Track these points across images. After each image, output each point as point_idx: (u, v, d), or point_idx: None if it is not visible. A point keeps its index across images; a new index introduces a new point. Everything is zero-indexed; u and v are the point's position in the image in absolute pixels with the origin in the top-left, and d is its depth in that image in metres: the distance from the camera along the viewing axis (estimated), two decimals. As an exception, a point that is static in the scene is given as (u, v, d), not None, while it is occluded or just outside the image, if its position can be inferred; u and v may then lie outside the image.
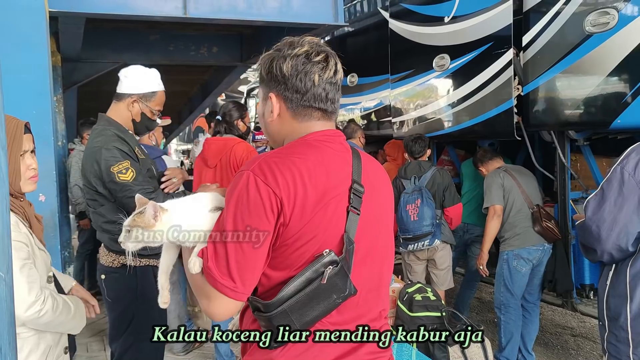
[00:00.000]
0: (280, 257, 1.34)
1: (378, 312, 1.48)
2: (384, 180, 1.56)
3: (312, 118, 1.44)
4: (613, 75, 3.45)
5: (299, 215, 1.30)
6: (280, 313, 1.31)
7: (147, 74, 2.78)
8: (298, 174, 1.31)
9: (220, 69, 8.09)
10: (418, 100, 5.06)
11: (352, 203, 1.37)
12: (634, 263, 1.99)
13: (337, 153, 1.42)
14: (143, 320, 2.72)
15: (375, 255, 1.46)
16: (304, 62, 1.40)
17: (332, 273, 1.31)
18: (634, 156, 1.96)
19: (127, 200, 2.59)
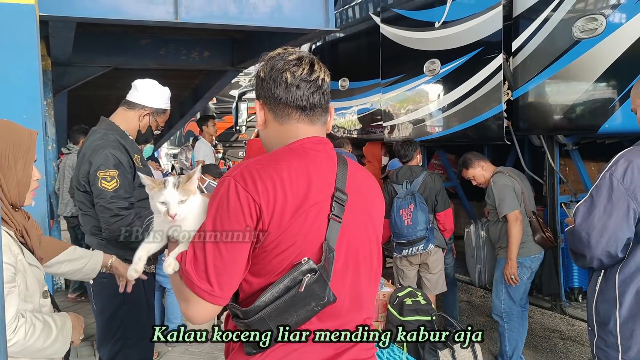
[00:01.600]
0: (260, 263, 1.34)
1: (362, 320, 1.48)
2: (371, 189, 1.56)
3: (291, 119, 1.45)
4: (601, 80, 3.49)
5: (277, 222, 1.31)
6: (258, 320, 1.31)
7: (162, 91, 2.91)
8: (279, 181, 1.32)
9: (212, 73, 8.08)
10: (409, 105, 5.08)
11: (333, 211, 1.37)
12: (622, 269, 2.00)
13: (322, 160, 1.43)
14: (131, 325, 2.73)
15: (357, 263, 1.45)
16: (276, 62, 1.43)
17: (310, 281, 1.31)
18: (622, 163, 1.98)
19: (99, 207, 2.61)
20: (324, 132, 1.52)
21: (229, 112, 12.64)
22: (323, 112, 1.49)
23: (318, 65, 1.45)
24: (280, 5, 4.79)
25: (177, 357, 4.57)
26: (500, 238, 4.12)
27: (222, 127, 14.88)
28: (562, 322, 5.44)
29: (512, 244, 3.95)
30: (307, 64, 1.43)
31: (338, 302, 1.37)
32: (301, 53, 1.47)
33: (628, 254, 2.00)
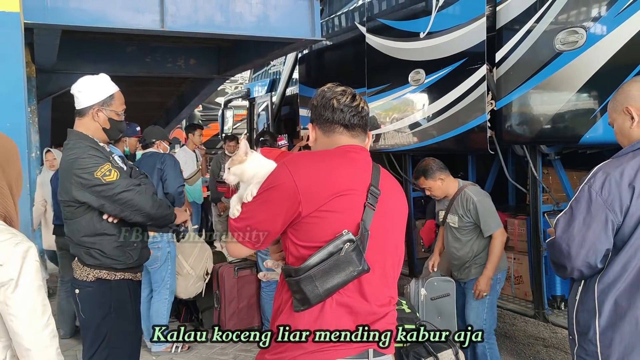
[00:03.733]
0: (306, 233, 1.69)
1: (388, 299, 1.80)
2: (398, 192, 1.93)
3: (336, 132, 1.85)
4: (582, 92, 3.55)
5: (315, 201, 1.66)
6: (306, 278, 1.64)
7: (98, 81, 2.78)
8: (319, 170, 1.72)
9: (198, 81, 8.08)
10: (394, 114, 5.12)
11: (368, 200, 1.71)
12: (601, 279, 2.04)
13: (359, 162, 1.81)
14: (117, 334, 2.72)
15: (386, 247, 1.79)
16: (326, 92, 1.88)
17: (349, 249, 1.63)
18: (600, 175, 2.02)
19: (120, 196, 2.62)
20: (363, 146, 1.89)
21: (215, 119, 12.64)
22: (362, 130, 1.88)
23: (359, 97, 1.88)
24: (267, 14, 4.80)
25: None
26: (476, 255, 3.88)
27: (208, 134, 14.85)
28: (545, 329, 5.49)
29: (494, 262, 3.78)
30: (350, 95, 1.87)
31: (371, 274, 1.69)
32: (345, 88, 1.89)
33: (607, 264, 2.04)
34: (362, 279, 1.69)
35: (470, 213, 3.80)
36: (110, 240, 2.69)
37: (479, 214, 3.76)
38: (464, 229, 3.86)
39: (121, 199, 2.62)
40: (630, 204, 1.96)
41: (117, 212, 2.66)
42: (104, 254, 2.67)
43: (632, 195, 1.96)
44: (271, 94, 8.61)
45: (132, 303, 2.79)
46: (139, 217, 2.69)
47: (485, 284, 3.80)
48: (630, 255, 1.99)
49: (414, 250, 5.69)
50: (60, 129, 6.94)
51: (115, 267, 2.70)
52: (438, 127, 4.59)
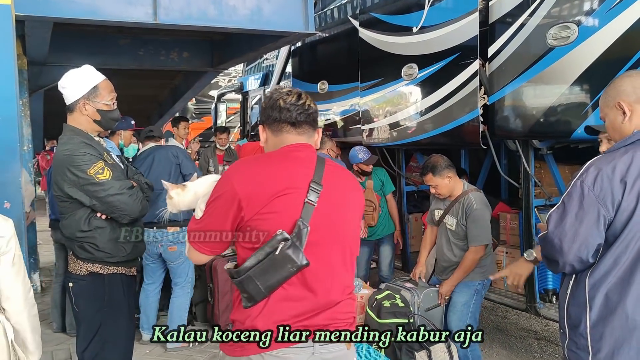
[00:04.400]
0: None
1: (340, 288, 1.88)
2: (346, 185, 1.98)
3: (283, 131, 1.91)
4: (573, 87, 3.57)
5: (255, 205, 1.75)
6: (247, 278, 1.75)
7: (80, 75, 2.73)
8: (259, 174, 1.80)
9: (191, 74, 8.04)
10: (387, 108, 5.12)
11: (308, 196, 1.79)
12: (592, 273, 2.05)
13: (302, 160, 1.87)
14: (111, 328, 2.72)
15: (331, 240, 1.85)
16: (273, 94, 1.94)
17: (284, 247, 1.72)
18: (592, 170, 2.02)
19: (111, 198, 2.61)
20: (311, 143, 1.96)
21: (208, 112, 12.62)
22: (309, 127, 1.94)
23: (306, 96, 1.93)
24: (260, 7, 4.78)
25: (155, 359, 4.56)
26: None
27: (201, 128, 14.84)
28: (536, 322, 5.53)
29: (462, 273, 3.75)
30: (296, 94, 1.92)
31: (314, 267, 1.78)
32: (291, 88, 1.97)
33: (598, 259, 2.05)
34: (306, 272, 1.78)
35: (466, 219, 3.75)
36: (104, 235, 2.68)
37: (472, 222, 3.71)
38: (460, 233, 3.81)
39: (112, 202, 2.62)
40: (622, 199, 1.97)
41: (107, 212, 2.66)
42: (97, 247, 2.67)
43: (623, 190, 1.97)
44: (264, 88, 8.60)
45: (125, 297, 2.79)
46: (127, 219, 2.72)
47: (449, 289, 3.82)
48: (622, 250, 2.00)
49: (407, 244, 5.71)
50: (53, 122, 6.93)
51: (109, 261, 2.70)
52: (431, 121, 4.60)
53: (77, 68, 2.77)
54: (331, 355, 1.85)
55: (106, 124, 2.81)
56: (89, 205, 2.64)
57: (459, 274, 3.76)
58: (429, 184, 3.87)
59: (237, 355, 1.82)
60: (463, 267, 3.74)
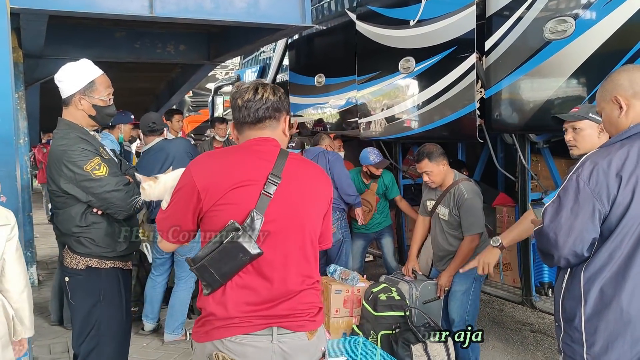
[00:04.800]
0: (207, 224, 1.86)
1: (301, 279, 1.91)
2: (311, 176, 2.01)
3: (244, 130, 1.97)
4: (570, 81, 3.57)
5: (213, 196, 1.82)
6: (201, 266, 1.82)
7: (78, 69, 2.71)
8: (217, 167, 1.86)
9: (188, 67, 8.02)
10: (384, 102, 5.12)
11: (265, 188, 1.83)
12: (587, 267, 2.06)
13: (262, 153, 1.91)
14: (107, 323, 2.73)
15: (289, 230, 1.88)
16: (234, 93, 1.97)
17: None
18: (588, 165, 2.03)
19: (108, 194, 2.61)
20: (275, 135, 1.97)
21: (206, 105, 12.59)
22: (272, 120, 1.95)
23: (262, 89, 1.93)
24: (257, 0, 4.77)
25: (152, 353, 4.57)
26: None
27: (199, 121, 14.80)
28: (532, 315, 5.56)
29: (459, 263, 3.76)
30: (252, 89, 1.93)
31: (269, 256, 1.83)
32: (251, 83, 1.96)
33: (593, 253, 2.05)
34: (261, 262, 1.83)
35: (458, 208, 3.77)
36: (100, 229, 2.68)
37: (464, 212, 3.73)
38: (453, 223, 3.83)
39: (108, 198, 2.61)
40: (617, 194, 1.97)
41: (103, 209, 2.66)
42: (94, 242, 2.66)
43: (619, 184, 1.97)
44: (261, 81, 8.57)
45: (122, 292, 2.79)
46: (123, 215, 2.73)
47: (448, 280, 3.84)
48: (617, 244, 2.00)
49: (403, 237, 5.73)
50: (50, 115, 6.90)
51: (106, 256, 2.70)
52: (427, 115, 4.60)
53: (75, 61, 2.76)
54: (290, 344, 1.88)
55: (101, 120, 2.80)
56: (85, 201, 2.63)
57: (456, 263, 3.78)
58: (424, 170, 3.87)
59: (202, 341, 1.88)
60: (460, 257, 3.77)
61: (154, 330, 4.93)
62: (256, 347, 1.84)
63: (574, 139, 2.99)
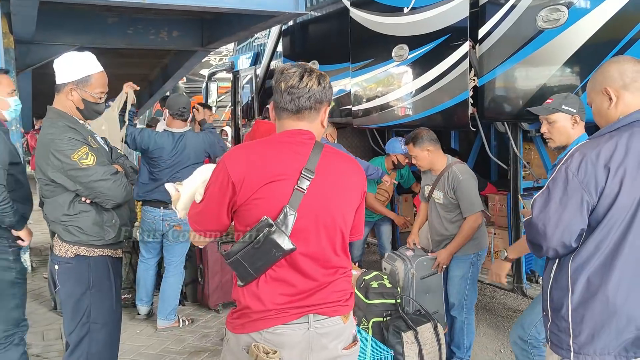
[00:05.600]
0: (241, 219, 1.87)
1: (333, 270, 1.93)
2: (346, 170, 1.99)
3: (283, 116, 1.92)
4: (562, 70, 3.57)
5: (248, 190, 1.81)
6: (235, 261, 1.83)
7: (79, 60, 2.70)
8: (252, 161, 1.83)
9: (181, 53, 7.98)
10: (377, 89, 5.11)
11: (299, 183, 1.82)
12: (575, 258, 2.07)
13: (297, 146, 1.88)
14: (97, 310, 2.75)
15: (320, 225, 1.88)
16: (278, 75, 1.90)
17: (268, 233, 1.78)
18: (577, 156, 2.03)
19: (95, 184, 2.62)
20: (312, 127, 1.93)
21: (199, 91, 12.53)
22: (311, 111, 1.90)
23: (308, 77, 1.87)
24: (250, -13, 4.75)
25: (145, 340, 4.59)
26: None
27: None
28: (523, 302, 5.60)
29: (459, 241, 3.80)
30: (298, 75, 1.86)
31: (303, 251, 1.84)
32: (299, 67, 1.90)
33: (581, 244, 2.07)
34: (294, 256, 1.84)
35: (453, 191, 3.80)
36: (88, 218, 2.69)
37: (461, 193, 3.76)
38: (448, 206, 3.86)
39: (95, 187, 2.62)
40: (605, 185, 1.98)
41: (91, 197, 2.66)
42: (82, 230, 2.67)
43: (607, 176, 1.98)
44: (255, 67, 8.54)
45: (111, 279, 2.80)
46: (111, 204, 2.74)
47: (447, 257, 3.87)
48: (604, 235, 2.01)
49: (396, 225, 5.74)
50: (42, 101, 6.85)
51: (94, 244, 2.71)
52: (420, 103, 4.60)
53: (79, 52, 2.75)
54: (327, 329, 1.92)
55: (88, 115, 2.79)
56: (72, 190, 2.63)
57: (457, 241, 3.82)
58: (410, 154, 3.99)
59: (238, 332, 1.91)
60: (462, 236, 3.81)
61: (149, 314, 4.95)
62: (294, 335, 1.88)
63: (549, 131, 3.04)
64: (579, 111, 2.97)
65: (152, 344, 4.48)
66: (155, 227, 4.64)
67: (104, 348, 2.81)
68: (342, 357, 1.98)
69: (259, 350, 1.84)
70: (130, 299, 5.14)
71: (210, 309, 5.21)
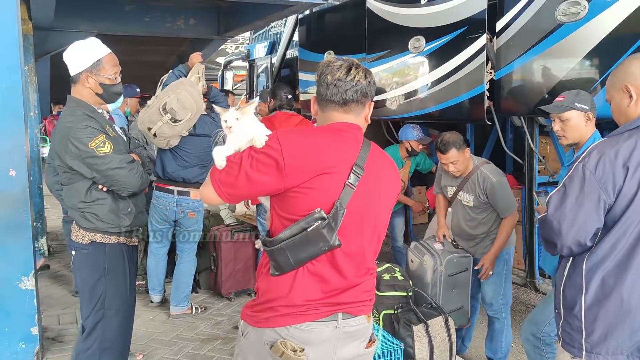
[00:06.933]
0: (287, 206, 1.79)
1: (364, 271, 1.91)
2: (388, 170, 1.97)
3: (328, 108, 1.88)
4: (581, 65, 3.53)
5: (298, 177, 1.73)
6: (279, 249, 1.76)
7: (85, 47, 2.73)
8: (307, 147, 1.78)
9: (198, 41, 7.99)
10: (393, 81, 5.08)
11: (349, 179, 1.78)
12: (589, 257, 2.06)
13: (348, 140, 1.84)
14: (112, 296, 2.80)
15: (364, 225, 1.86)
16: (323, 67, 1.88)
17: (319, 226, 1.74)
18: (595, 155, 2.01)
19: (112, 172, 2.66)
20: (359, 121, 1.91)
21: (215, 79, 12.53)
22: (358, 105, 1.87)
23: (355, 70, 1.84)
24: (267, -24, 4.73)
25: (158, 326, 4.64)
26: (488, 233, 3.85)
27: (209, 94, 14.73)
28: (535, 297, 5.58)
29: (501, 243, 3.75)
30: (345, 68, 1.84)
31: (344, 248, 1.80)
32: (345, 61, 1.87)
33: (596, 243, 2.05)
34: (335, 252, 1.80)
35: (486, 193, 3.71)
36: (105, 205, 2.73)
37: (497, 195, 3.68)
38: (479, 207, 3.79)
39: (112, 175, 2.67)
40: (623, 184, 1.96)
41: (107, 185, 2.70)
42: (98, 217, 2.72)
43: (625, 175, 1.96)
44: (271, 56, 8.52)
45: (126, 267, 2.84)
46: (127, 192, 2.78)
47: (491, 262, 3.78)
48: (620, 234, 2.00)
49: (409, 217, 5.74)
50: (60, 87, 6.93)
51: (110, 231, 2.75)
52: (436, 95, 4.57)
53: (83, 40, 2.77)
54: (353, 329, 1.90)
55: (108, 98, 2.82)
56: (89, 178, 2.67)
57: (500, 243, 3.76)
58: (451, 160, 3.74)
59: (262, 326, 1.84)
60: (502, 237, 3.75)
61: (161, 302, 5.01)
62: (322, 333, 1.84)
63: (561, 129, 3.01)
64: (592, 108, 2.95)
65: (165, 330, 4.54)
66: (167, 214, 4.65)
67: (118, 333, 2.86)
68: (364, 356, 1.97)
69: (286, 348, 1.78)
70: (144, 285, 5.20)
71: (223, 297, 5.25)
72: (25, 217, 3.54)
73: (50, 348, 4.13)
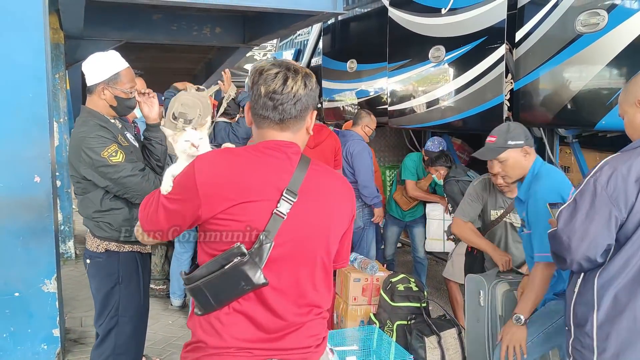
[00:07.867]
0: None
1: (307, 309, 1.66)
2: (333, 190, 1.70)
3: (263, 126, 1.63)
4: (600, 76, 3.48)
5: (215, 206, 1.53)
6: (196, 287, 1.57)
7: (105, 59, 2.79)
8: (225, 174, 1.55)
9: (225, 48, 8.12)
10: (413, 90, 5.08)
11: (278, 207, 1.55)
12: (601, 274, 2.02)
13: (278, 162, 1.60)
14: (125, 303, 2.83)
15: (300, 256, 1.62)
16: (256, 76, 1.60)
17: (239, 263, 1.52)
18: (607, 169, 1.98)
19: (125, 180, 2.70)
20: (297, 137, 1.66)
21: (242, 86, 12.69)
22: (296, 120, 1.62)
23: (293, 80, 1.58)
24: (289, -14, 4.79)
25: (177, 330, 4.70)
26: None
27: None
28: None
29: None
30: (281, 79, 1.57)
31: (275, 285, 1.58)
32: (281, 67, 1.60)
33: (608, 259, 2.01)
34: (265, 291, 1.57)
35: None
36: (119, 215, 2.78)
37: None
38: None
39: (125, 183, 2.71)
40: (635, 201, 1.92)
41: (121, 193, 2.75)
42: (112, 227, 2.77)
43: (638, 191, 1.92)
44: (297, 64, 8.59)
45: (139, 275, 2.88)
46: (139, 200, 2.79)
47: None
48: (633, 251, 1.96)
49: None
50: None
51: (124, 240, 2.80)
52: (456, 105, 4.55)
53: (103, 51, 2.84)
54: None
55: (122, 111, 2.88)
56: (102, 187, 2.73)
57: None
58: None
59: None
60: None
61: (182, 306, 5.07)
62: None
63: (502, 170, 2.89)
64: (527, 140, 2.80)
65: (183, 335, 4.58)
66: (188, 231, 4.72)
67: (131, 339, 2.90)
68: None
69: None
70: (165, 289, 5.27)
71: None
72: (49, 222, 3.65)
73: (72, 349, 4.22)
